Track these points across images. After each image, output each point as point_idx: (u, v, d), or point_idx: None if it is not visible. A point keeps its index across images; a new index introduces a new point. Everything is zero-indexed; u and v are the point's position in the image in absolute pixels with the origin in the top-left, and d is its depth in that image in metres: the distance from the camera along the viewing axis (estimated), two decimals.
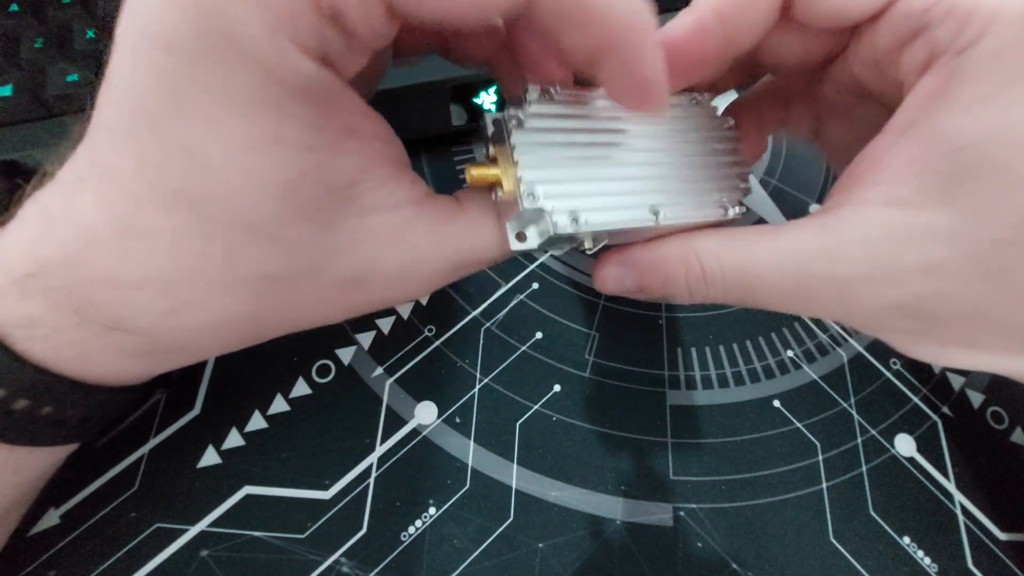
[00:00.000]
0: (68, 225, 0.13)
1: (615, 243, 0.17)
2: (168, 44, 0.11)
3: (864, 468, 0.24)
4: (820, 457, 0.24)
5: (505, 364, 0.24)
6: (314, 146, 0.13)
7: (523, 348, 0.25)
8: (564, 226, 0.15)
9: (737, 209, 0.17)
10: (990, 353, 0.15)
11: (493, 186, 0.16)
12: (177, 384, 0.22)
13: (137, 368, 0.16)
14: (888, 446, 0.24)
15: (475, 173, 0.15)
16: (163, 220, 0.13)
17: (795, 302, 0.16)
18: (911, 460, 0.24)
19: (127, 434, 0.21)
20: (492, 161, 0.16)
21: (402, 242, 0.15)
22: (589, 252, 0.17)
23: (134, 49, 0.12)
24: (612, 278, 0.18)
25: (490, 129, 0.16)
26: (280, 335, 0.16)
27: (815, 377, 0.25)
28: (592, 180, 0.16)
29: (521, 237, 0.16)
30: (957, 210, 0.13)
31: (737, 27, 0.15)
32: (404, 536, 0.21)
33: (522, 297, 0.26)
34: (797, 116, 0.21)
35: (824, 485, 0.23)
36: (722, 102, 0.19)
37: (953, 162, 0.13)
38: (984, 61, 0.13)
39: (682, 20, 0.16)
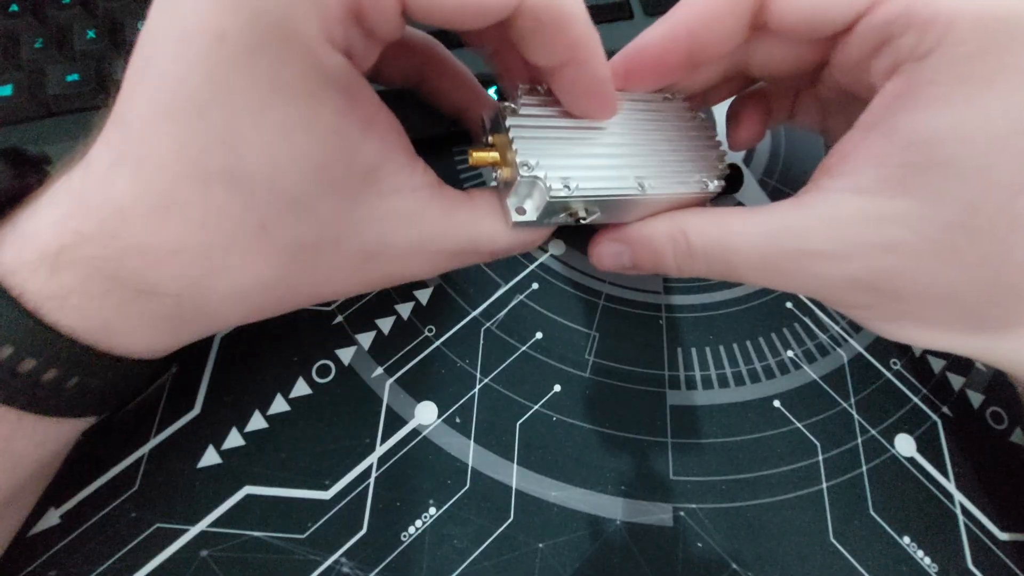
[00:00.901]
0: (104, 201, 0.14)
1: (607, 221, 0.19)
2: (221, 35, 0.12)
3: (864, 468, 0.24)
4: (820, 457, 0.24)
5: (505, 364, 0.24)
6: (342, 131, 0.14)
7: (523, 348, 0.25)
8: (558, 190, 0.16)
9: (716, 183, 0.19)
10: (944, 331, 0.17)
11: (493, 167, 0.17)
12: (177, 384, 0.22)
13: (159, 338, 0.17)
14: (888, 446, 0.24)
15: (476, 155, 0.17)
16: (200, 195, 0.14)
17: (767, 275, 0.17)
18: (911, 460, 0.24)
19: (127, 434, 0.21)
20: (491, 147, 0.17)
21: (415, 221, 0.16)
22: (584, 222, 0.18)
23: (180, 40, 0.13)
24: (608, 255, 0.19)
25: (488, 124, 0.18)
26: (298, 306, 0.17)
27: (815, 377, 0.26)
28: (581, 156, 0.17)
29: (520, 211, 0.18)
30: (912, 197, 0.15)
31: (705, 38, 0.17)
32: (404, 536, 0.21)
33: (522, 297, 0.26)
34: (804, 109, 0.22)
35: (824, 485, 0.23)
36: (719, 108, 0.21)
37: (910, 155, 0.15)
38: (939, 67, 0.15)
39: (655, 29, 0.18)
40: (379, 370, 0.24)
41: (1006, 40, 0.14)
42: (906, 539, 0.22)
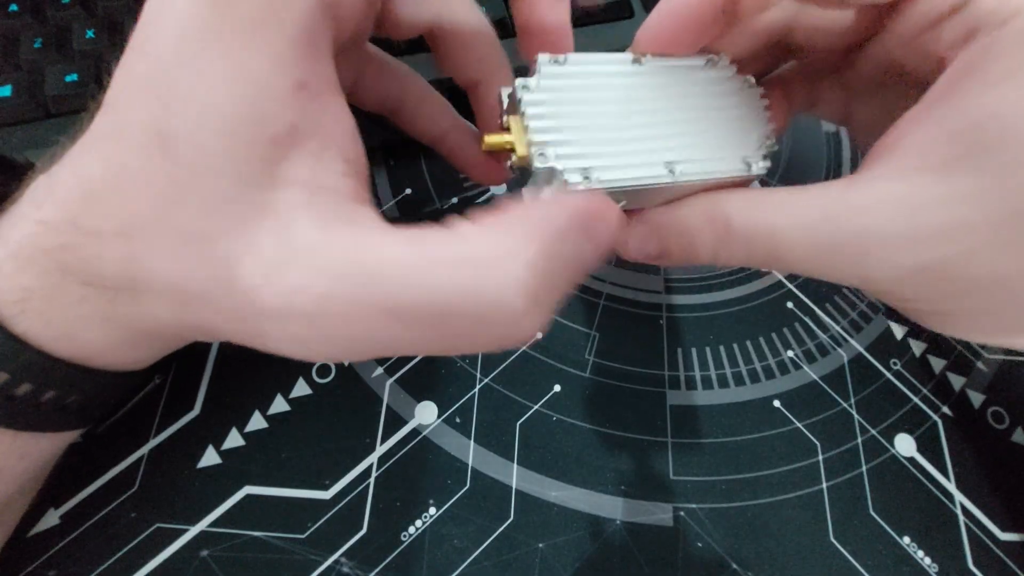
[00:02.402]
0: (72, 186, 0.13)
1: (634, 207, 0.17)
2: None
3: (864, 468, 0.24)
4: (820, 457, 0.24)
5: (505, 364, 0.24)
6: (266, 80, 0.12)
7: (523, 348, 0.25)
8: (576, 183, 0.15)
9: (761, 164, 0.17)
10: (1011, 330, 0.15)
11: (508, 154, 0.16)
12: (177, 384, 0.22)
13: (120, 349, 0.15)
14: (888, 446, 0.24)
15: (489, 140, 0.15)
16: (145, 162, 0.13)
17: (818, 262, 0.15)
18: (911, 460, 0.24)
19: (127, 434, 0.21)
20: (506, 130, 0.16)
21: (281, 230, 0.12)
22: None
23: (170, 8, 0.13)
24: (635, 241, 0.17)
25: (504, 102, 0.16)
26: (205, 335, 0.15)
27: (815, 377, 0.25)
28: (604, 140, 0.16)
29: None
30: (982, 178, 0.13)
31: None
32: (404, 536, 0.21)
33: None
34: (827, 96, 0.21)
35: (824, 485, 0.23)
36: None
37: (980, 133, 0.13)
38: (1017, 36, 0.13)
39: None
40: (379, 370, 0.24)
41: None
42: (906, 539, 0.22)
